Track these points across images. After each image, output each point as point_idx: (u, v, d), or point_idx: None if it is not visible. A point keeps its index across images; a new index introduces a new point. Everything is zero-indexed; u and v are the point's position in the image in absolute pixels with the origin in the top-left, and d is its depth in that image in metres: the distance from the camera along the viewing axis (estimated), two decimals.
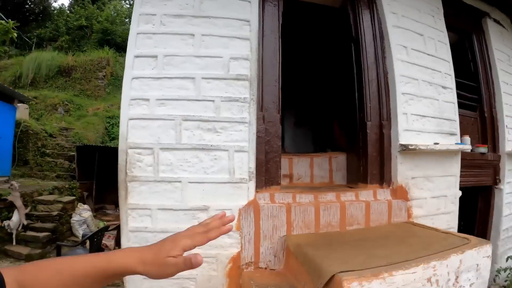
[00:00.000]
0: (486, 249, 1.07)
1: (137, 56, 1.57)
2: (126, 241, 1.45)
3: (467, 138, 2.02)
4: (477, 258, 1.04)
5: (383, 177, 1.79)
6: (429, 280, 0.89)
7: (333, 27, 2.36)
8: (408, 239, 1.24)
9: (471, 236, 1.26)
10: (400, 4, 2.01)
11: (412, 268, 0.86)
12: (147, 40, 1.57)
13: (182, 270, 0.47)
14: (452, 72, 2.04)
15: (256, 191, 1.50)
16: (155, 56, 1.56)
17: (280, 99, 1.70)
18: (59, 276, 0.41)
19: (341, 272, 0.88)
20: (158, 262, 0.46)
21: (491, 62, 2.56)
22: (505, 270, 2.33)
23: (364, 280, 0.84)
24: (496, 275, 2.38)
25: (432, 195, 1.80)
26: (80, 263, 0.44)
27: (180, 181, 1.53)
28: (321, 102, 3.14)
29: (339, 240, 1.33)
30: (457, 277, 0.98)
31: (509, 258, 2.37)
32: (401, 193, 1.70)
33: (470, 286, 1.02)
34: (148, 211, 1.49)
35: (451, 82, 2.01)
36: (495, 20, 2.68)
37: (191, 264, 0.45)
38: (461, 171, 1.94)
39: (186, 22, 1.61)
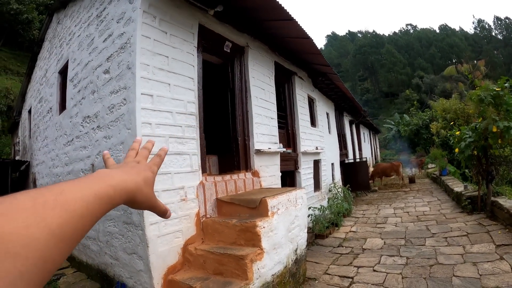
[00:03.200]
0: (304, 191, 4.74)
1: (142, 94, 3.80)
2: (146, 215, 3.61)
3: (281, 145, 5.56)
4: (301, 193, 4.64)
5: (248, 166, 5.14)
6: (288, 199, 4.13)
7: (220, 79, 5.40)
8: (270, 191, 4.52)
9: (297, 187, 4.73)
10: (255, 70, 5.91)
11: (282, 195, 4.30)
12: (146, 83, 3.86)
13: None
14: (275, 109, 5.84)
15: (202, 176, 4.19)
16: (152, 95, 3.90)
17: (203, 125, 4.72)
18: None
19: (263, 197, 3.91)
20: (150, 189, 0.71)
21: (294, 100, 6.97)
22: (309, 215, 6.23)
23: (271, 198, 4.06)
24: None
25: (269, 175, 5.35)
26: (76, 193, 0.48)
27: (170, 173, 4.03)
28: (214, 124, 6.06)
29: (244, 194, 4.70)
30: (296, 199, 4.34)
31: (309, 208, 6.37)
32: (256, 174, 5.06)
33: (301, 204, 4.48)
34: (156, 192, 3.77)
35: (275, 115, 5.84)
36: (299, 76, 6.92)
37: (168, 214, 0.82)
38: (280, 163, 5.50)
39: (165, 75, 4.06)
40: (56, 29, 6.94)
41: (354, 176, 13.55)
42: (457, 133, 8.13)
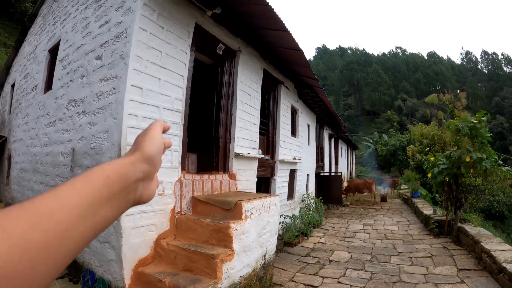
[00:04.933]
0: (278, 198, 4.95)
1: (132, 85, 3.88)
2: None
3: (260, 151, 5.71)
4: (275, 201, 4.92)
5: (226, 168, 5.32)
6: (262, 205, 4.30)
7: (209, 79, 5.51)
8: (246, 194, 4.68)
9: (272, 194, 4.89)
10: (244, 75, 6.07)
11: (257, 200, 4.51)
12: (137, 76, 3.95)
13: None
14: (259, 115, 5.94)
15: (181, 173, 4.28)
16: (141, 88, 3.98)
17: (187, 123, 4.80)
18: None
19: (238, 201, 4.05)
20: (157, 153, 0.61)
21: (277, 109, 7.23)
22: (280, 223, 6.36)
23: (246, 202, 4.21)
24: None
25: (245, 179, 5.54)
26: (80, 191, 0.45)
27: None
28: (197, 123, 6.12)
29: (220, 196, 4.77)
30: (270, 206, 4.55)
31: (281, 216, 6.49)
32: (233, 177, 5.21)
33: (274, 210, 4.69)
34: None
35: (258, 121, 6.12)
36: (285, 86, 7.11)
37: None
38: (257, 168, 5.75)
39: (156, 69, 4.16)
40: (51, 6, 6.87)
41: (328, 189, 13.90)
42: (432, 158, 8.51)
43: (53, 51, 6.21)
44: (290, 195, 9.54)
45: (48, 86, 6.15)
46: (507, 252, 5.41)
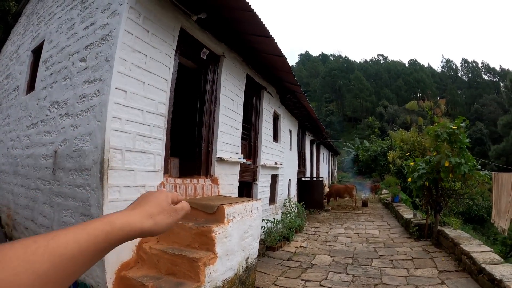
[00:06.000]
0: (260, 202, 5.11)
1: (117, 88, 3.94)
2: (106, 209, 3.75)
3: (242, 156, 5.81)
4: (257, 205, 5.03)
5: (208, 172, 5.43)
6: (244, 209, 4.38)
7: (192, 83, 5.61)
8: (228, 199, 4.85)
9: (254, 198, 5.00)
10: (227, 80, 6.21)
11: (239, 204, 4.66)
12: (122, 78, 4.01)
13: (184, 214, 0.79)
14: (241, 120, 6.15)
15: (164, 177, 4.34)
16: (126, 91, 4.05)
17: (170, 127, 4.89)
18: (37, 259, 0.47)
19: (221, 204, 4.15)
20: (166, 210, 0.73)
21: (260, 114, 7.40)
22: (262, 227, 6.45)
23: (228, 206, 4.34)
24: None
25: (227, 184, 5.70)
26: (67, 235, 0.53)
27: (133, 170, 4.15)
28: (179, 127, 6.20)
29: (202, 200, 4.88)
30: (252, 210, 4.65)
31: (263, 220, 6.54)
32: (216, 181, 5.34)
33: (256, 215, 4.77)
34: (118, 188, 3.94)
35: (240, 126, 6.29)
36: (268, 92, 7.28)
37: (188, 207, 0.80)
38: (239, 173, 5.88)
39: (141, 73, 4.23)
40: (36, 6, 6.79)
41: (310, 194, 14.14)
42: (412, 163, 8.80)
43: (37, 52, 6.14)
44: (272, 200, 9.69)
45: (31, 87, 6.08)
46: (486, 254, 5.70)
